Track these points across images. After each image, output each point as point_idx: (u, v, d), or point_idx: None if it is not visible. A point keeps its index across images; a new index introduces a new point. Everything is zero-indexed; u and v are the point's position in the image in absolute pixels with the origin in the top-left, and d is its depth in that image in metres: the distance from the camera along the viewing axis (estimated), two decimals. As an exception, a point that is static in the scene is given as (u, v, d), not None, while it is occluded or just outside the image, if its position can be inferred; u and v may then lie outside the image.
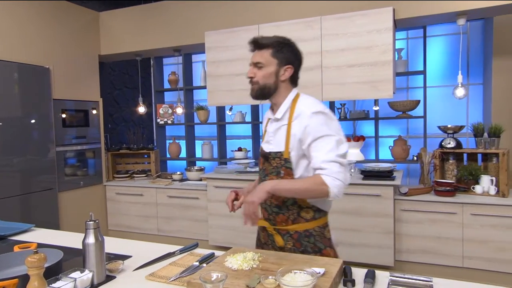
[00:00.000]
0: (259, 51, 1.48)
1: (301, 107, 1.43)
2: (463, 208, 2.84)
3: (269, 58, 1.45)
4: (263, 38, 1.48)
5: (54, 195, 3.66)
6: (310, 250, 1.46)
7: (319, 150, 1.36)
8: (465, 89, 2.97)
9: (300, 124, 1.41)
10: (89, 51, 4.19)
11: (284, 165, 1.44)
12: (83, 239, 1.27)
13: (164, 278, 1.28)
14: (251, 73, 1.48)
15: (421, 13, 2.91)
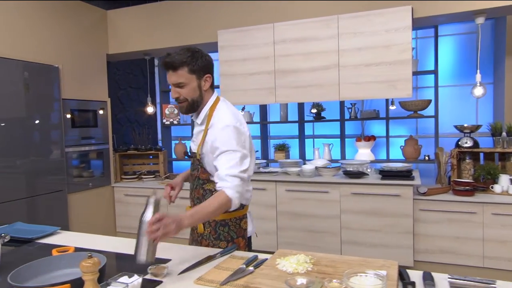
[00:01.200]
0: (174, 72, 1.50)
1: (215, 118, 1.57)
2: (483, 208, 2.83)
3: (187, 76, 1.50)
4: (173, 58, 1.49)
5: (64, 196, 3.59)
6: (223, 238, 1.63)
7: (224, 164, 1.47)
8: (483, 88, 2.96)
9: (212, 134, 1.55)
10: (97, 50, 4.12)
11: (198, 164, 1.62)
12: (141, 215, 1.28)
13: (213, 283, 1.23)
14: (175, 94, 1.54)
15: (439, 12, 2.89)
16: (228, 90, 3.57)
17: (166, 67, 1.52)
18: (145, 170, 4.61)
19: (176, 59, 1.48)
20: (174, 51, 1.52)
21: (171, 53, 1.51)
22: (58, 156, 3.53)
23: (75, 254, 1.35)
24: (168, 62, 1.50)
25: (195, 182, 1.67)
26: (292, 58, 3.27)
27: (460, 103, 4.18)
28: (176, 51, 1.52)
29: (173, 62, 1.48)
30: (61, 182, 3.55)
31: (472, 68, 4.17)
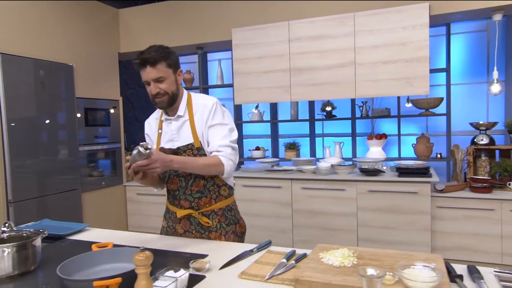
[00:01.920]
0: (153, 67, 1.51)
1: (199, 101, 1.63)
2: (501, 205, 2.84)
3: (166, 70, 1.54)
4: (151, 54, 1.51)
5: (78, 195, 3.58)
6: (232, 222, 1.70)
7: (215, 136, 1.58)
8: (500, 85, 2.97)
9: (201, 116, 1.60)
10: (109, 49, 4.12)
11: (198, 153, 1.59)
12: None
13: (258, 277, 1.23)
14: (156, 90, 1.54)
15: (457, 9, 2.90)
16: (242, 88, 3.57)
17: (143, 63, 1.51)
18: (155, 169, 4.60)
19: (153, 55, 1.51)
20: (145, 49, 1.54)
21: (143, 51, 1.53)
22: (72, 155, 3.52)
23: (115, 249, 1.35)
24: (146, 58, 1.50)
25: (190, 176, 1.62)
26: (308, 56, 3.28)
27: (471, 101, 4.19)
28: (148, 49, 1.53)
29: (151, 58, 1.50)
30: (75, 181, 3.54)
31: (483, 66, 4.19)
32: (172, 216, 1.73)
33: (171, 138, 1.65)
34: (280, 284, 1.18)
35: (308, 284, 1.08)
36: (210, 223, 1.66)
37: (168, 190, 1.72)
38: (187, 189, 1.64)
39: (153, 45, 1.57)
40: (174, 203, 1.71)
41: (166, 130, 1.66)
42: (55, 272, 1.35)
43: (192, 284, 1.18)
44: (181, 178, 1.64)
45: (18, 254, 1.28)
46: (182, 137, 1.63)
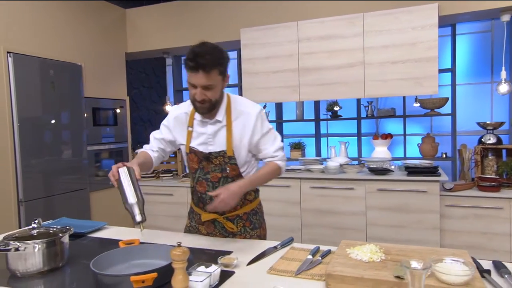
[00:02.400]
0: (206, 74, 1.39)
1: (240, 108, 1.58)
2: (510, 203, 2.87)
3: (217, 78, 1.45)
4: (206, 59, 1.38)
5: (86, 195, 3.59)
6: (257, 226, 1.68)
7: (267, 143, 1.61)
8: (508, 85, 3.00)
9: (243, 124, 1.56)
10: (117, 49, 4.13)
11: (228, 162, 1.56)
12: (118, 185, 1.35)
13: (287, 272, 1.25)
14: (202, 96, 1.44)
15: (466, 9, 2.93)
16: (251, 88, 3.59)
17: (196, 67, 1.38)
18: (161, 169, 4.61)
19: (209, 60, 1.39)
20: (199, 48, 1.41)
21: (197, 51, 1.39)
22: (80, 155, 3.53)
23: (142, 246, 1.36)
24: (201, 64, 1.38)
25: (218, 183, 1.58)
26: (316, 55, 3.30)
27: (475, 101, 4.23)
28: (202, 50, 1.40)
29: (207, 64, 1.38)
30: (83, 181, 3.55)
31: (487, 66, 4.23)
32: (196, 217, 1.72)
33: (206, 141, 1.59)
34: (310, 279, 1.20)
35: (341, 278, 1.10)
36: (235, 228, 1.65)
37: (194, 190, 1.68)
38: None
39: (205, 43, 1.44)
40: (199, 206, 1.69)
41: (201, 131, 1.59)
42: (83, 268, 1.37)
43: (223, 279, 1.20)
44: (209, 183, 1.61)
45: (48, 251, 1.29)
46: (217, 142, 1.58)
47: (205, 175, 1.61)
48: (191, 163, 1.63)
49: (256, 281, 1.21)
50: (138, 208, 1.32)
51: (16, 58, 2.93)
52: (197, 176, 1.62)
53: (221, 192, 1.44)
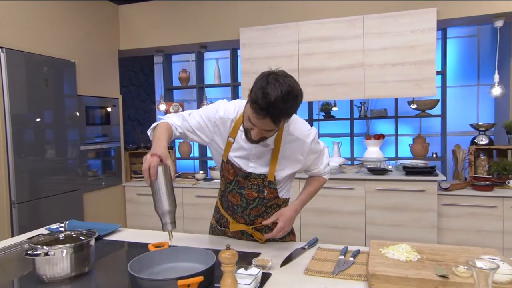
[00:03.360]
0: (273, 122, 1.24)
1: (295, 134, 1.46)
2: (503, 202, 2.98)
3: (280, 124, 1.29)
4: (279, 110, 1.20)
5: (80, 196, 3.47)
6: (286, 234, 1.58)
7: (318, 163, 1.60)
8: (501, 88, 3.12)
9: (295, 150, 1.48)
10: (109, 46, 4.02)
11: (267, 185, 1.49)
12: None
13: (324, 273, 1.25)
14: (257, 136, 1.31)
15: (462, 15, 3.02)
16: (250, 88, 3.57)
17: (267, 115, 1.21)
18: (153, 169, 4.53)
19: (281, 111, 1.21)
20: (274, 93, 1.17)
21: (272, 99, 1.17)
22: (74, 155, 3.41)
23: (173, 249, 1.33)
24: (271, 113, 1.20)
25: (253, 201, 1.52)
26: (317, 56, 3.32)
27: (462, 103, 4.37)
28: (279, 97, 1.18)
29: (278, 114, 1.22)
30: (77, 182, 3.43)
31: (473, 70, 4.39)
32: (223, 219, 1.67)
33: (247, 157, 1.48)
34: (349, 279, 1.21)
35: (385, 278, 1.11)
36: (263, 238, 1.59)
37: (225, 197, 1.59)
38: (246, 210, 1.55)
39: (279, 83, 1.20)
40: (228, 212, 1.61)
41: (244, 146, 1.46)
42: (110, 273, 1.33)
43: (263, 281, 1.19)
44: (243, 199, 1.53)
45: (76, 255, 1.24)
46: (259, 163, 1.48)
47: (240, 189, 1.52)
48: (225, 173, 1.53)
49: (296, 282, 1.21)
50: (170, 217, 1.25)
51: (9, 54, 2.80)
52: (232, 187, 1.54)
53: (279, 219, 1.46)
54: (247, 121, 1.30)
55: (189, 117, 1.52)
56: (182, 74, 5.02)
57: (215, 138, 1.52)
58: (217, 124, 1.50)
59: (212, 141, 1.53)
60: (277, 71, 1.27)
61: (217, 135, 1.51)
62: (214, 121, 1.49)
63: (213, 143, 1.53)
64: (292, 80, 1.25)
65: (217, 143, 1.52)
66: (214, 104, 1.54)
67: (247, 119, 1.31)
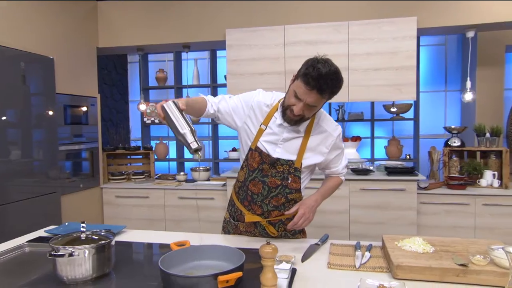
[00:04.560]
0: (319, 96, 1.38)
1: (324, 126, 1.57)
2: (475, 200, 3.20)
3: (324, 101, 1.43)
4: (328, 83, 1.35)
5: (58, 199, 3.31)
6: (297, 231, 1.69)
7: (338, 161, 1.67)
8: (473, 93, 3.35)
9: (322, 141, 1.57)
10: (88, 43, 3.87)
11: (293, 172, 1.56)
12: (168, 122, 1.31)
13: (347, 266, 1.30)
14: (299, 111, 1.41)
15: (440, 24, 3.22)
16: (236, 89, 3.59)
17: (314, 87, 1.35)
18: (131, 170, 4.41)
19: (329, 85, 1.36)
20: (324, 69, 1.35)
21: (323, 72, 1.34)
22: (52, 155, 3.25)
23: (197, 247, 1.32)
24: (320, 86, 1.34)
25: (275, 189, 1.57)
26: (303, 59, 3.36)
27: (430, 108, 4.64)
28: (329, 72, 1.36)
29: (326, 88, 1.36)
30: (55, 184, 3.27)
31: (441, 76, 4.67)
32: (237, 213, 1.69)
33: (275, 142, 1.55)
34: (373, 271, 1.26)
35: (409, 269, 1.18)
36: (276, 233, 1.65)
37: (244, 187, 1.62)
38: (266, 198, 1.59)
39: (329, 63, 1.39)
40: (244, 204, 1.65)
41: (275, 131, 1.54)
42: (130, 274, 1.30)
43: (291, 276, 1.21)
44: (266, 186, 1.57)
45: (98, 256, 1.21)
46: (287, 149, 1.55)
47: (263, 177, 1.57)
48: (251, 161, 1.58)
49: (324, 276, 1.24)
50: (192, 136, 1.27)
51: (-14, 47, 2.64)
52: (254, 176, 1.58)
53: (299, 208, 1.51)
54: (292, 97, 1.42)
55: (228, 98, 1.63)
56: (159, 74, 4.94)
57: (248, 123, 1.60)
58: (253, 108, 1.59)
59: (244, 125, 1.60)
60: (324, 57, 1.43)
61: (251, 119, 1.59)
62: (251, 104, 1.59)
63: (245, 127, 1.60)
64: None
65: (249, 127, 1.59)
66: (253, 91, 1.65)
67: (291, 96, 1.43)
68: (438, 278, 1.16)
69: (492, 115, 4.04)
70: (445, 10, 3.20)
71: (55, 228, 1.74)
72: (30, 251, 1.55)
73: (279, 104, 1.55)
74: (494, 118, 4.02)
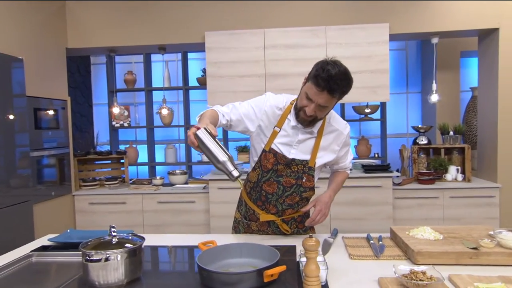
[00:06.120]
0: (330, 97, 1.43)
1: (335, 125, 1.64)
2: (443, 193, 3.46)
3: (335, 101, 1.49)
4: (337, 84, 1.40)
5: (30, 208, 3.12)
6: (308, 227, 1.75)
7: (346, 156, 1.76)
8: (438, 95, 3.62)
9: (333, 140, 1.64)
10: (56, 43, 3.68)
11: (307, 172, 1.62)
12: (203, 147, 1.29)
13: (367, 257, 1.38)
14: (312, 112, 1.46)
15: (410, 31, 3.46)
16: (216, 91, 3.59)
17: (324, 88, 1.39)
18: (103, 176, 4.25)
19: (339, 86, 1.40)
20: (333, 70, 1.38)
21: (333, 74, 1.37)
22: (23, 162, 3.06)
23: (224, 246, 1.33)
24: (331, 87, 1.39)
25: (290, 189, 1.62)
26: (283, 63, 3.49)
27: (393, 109, 4.93)
28: (338, 73, 1.39)
29: (336, 89, 1.40)
30: (27, 192, 3.08)
31: (402, 79, 4.99)
32: (249, 213, 1.73)
33: (290, 144, 1.60)
34: (392, 259, 1.36)
35: (428, 254, 1.28)
36: (289, 230, 1.71)
37: (258, 188, 1.65)
38: (281, 198, 1.63)
39: (338, 64, 1.42)
40: (257, 204, 1.68)
41: (289, 133, 1.59)
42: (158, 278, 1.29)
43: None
44: (280, 186, 1.62)
45: (131, 260, 1.19)
46: (301, 150, 1.60)
47: (277, 177, 1.61)
48: (265, 162, 1.61)
49: (352, 266, 1.32)
50: (232, 164, 1.27)
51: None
52: (269, 176, 1.62)
53: (316, 204, 1.59)
54: (304, 99, 1.48)
55: (238, 105, 1.63)
56: (128, 76, 4.81)
57: (262, 126, 1.62)
58: (266, 112, 1.61)
59: (257, 129, 1.62)
60: (333, 59, 1.46)
61: (264, 123, 1.61)
62: (264, 109, 1.61)
63: (258, 131, 1.62)
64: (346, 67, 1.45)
65: (263, 131, 1.62)
66: (261, 95, 1.67)
67: (303, 98, 1.48)
68: (454, 261, 1.27)
69: (451, 115, 4.39)
70: (414, 18, 3.45)
71: (58, 236, 1.66)
72: (37, 261, 1.47)
73: (292, 106, 1.60)
74: (452, 117, 4.37)
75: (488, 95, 3.60)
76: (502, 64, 3.38)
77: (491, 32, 3.49)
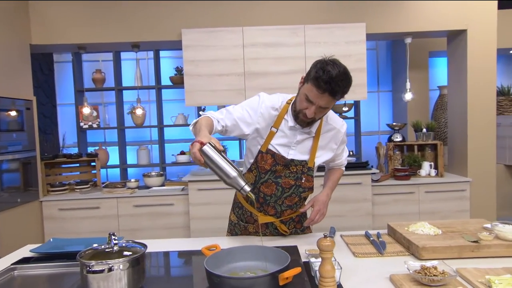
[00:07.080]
0: (331, 98, 1.41)
1: (332, 124, 1.62)
2: (418, 188, 3.57)
3: (334, 102, 1.46)
4: (339, 85, 1.38)
5: (-5, 216, 2.89)
6: (305, 226, 1.75)
7: (342, 153, 1.76)
8: (412, 94, 3.74)
9: (331, 138, 1.62)
10: (19, 39, 3.44)
11: (306, 172, 1.59)
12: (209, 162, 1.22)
13: (371, 254, 1.38)
14: (312, 114, 1.43)
15: (385, 31, 3.54)
16: (194, 90, 3.50)
17: (325, 90, 1.36)
18: (72, 180, 4.02)
19: (340, 87, 1.38)
20: (334, 71, 1.35)
21: (333, 75, 1.35)
22: (-14, 166, 2.83)
23: (228, 250, 1.28)
24: (332, 89, 1.36)
25: (289, 189, 1.59)
26: (262, 61, 3.46)
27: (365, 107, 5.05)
28: (339, 74, 1.36)
29: (337, 91, 1.38)
30: (-9, 199, 2.85)
31: (373, 78, 5.12)
32: (246, 215, 1.67)
33: (288, 145, 1.56)
34: (396, 256, 1.36)
35: (432, 249, 1.30)
36: (288, 231, 1.69)
37: (255, 190, 1.60)
38: (280, 199, 1.60)
39: (337, 64, 1.39)
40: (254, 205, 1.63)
41: (287, 134, 1.55)
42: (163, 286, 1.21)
43: (329, 268, 1.25)
44: (279, 187, 1.58)
45: (134, 270, 1.11)
46: (300, 150, 1.57)
47: (276, 178, 1.57)
48: (262, 163, 1.56)
49: (358, 264, 1.31)
50: (242, 179, 1.22)
51: None
52: (267, 178, 1.57)
53: (314, 204, 1.58)
54: (303, 101, 1.44)
55: (232, 109, 1.56)
56: (96, 75, 4.61)
57: (258, 128, 1.56)
58: (262, 114, 1.55)
59: (254, 132, 1.57)
60: (331, 58, 1.43)
61: (260, 125, 1.56)
62: (260, 111, 1.55)
63: (254, 134, 1.57)
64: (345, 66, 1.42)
65: (259, 133, 1.57)
66: (255, 97, 1.60)
67: (303, 100, 1.44)
68: (457, 255, 1.29)
69: (420, 112, 4.55)
70: (389, 18, 3.53)
71: (41, 246, 1.53)
72: (21, 275, 1.35)
73: (288, 106, 1.56)
74: (422, 115, 4.53)
75: (457, 94, 3.75)
76: (470, 64, 3.54)
77: (460, 33, 3.64)
